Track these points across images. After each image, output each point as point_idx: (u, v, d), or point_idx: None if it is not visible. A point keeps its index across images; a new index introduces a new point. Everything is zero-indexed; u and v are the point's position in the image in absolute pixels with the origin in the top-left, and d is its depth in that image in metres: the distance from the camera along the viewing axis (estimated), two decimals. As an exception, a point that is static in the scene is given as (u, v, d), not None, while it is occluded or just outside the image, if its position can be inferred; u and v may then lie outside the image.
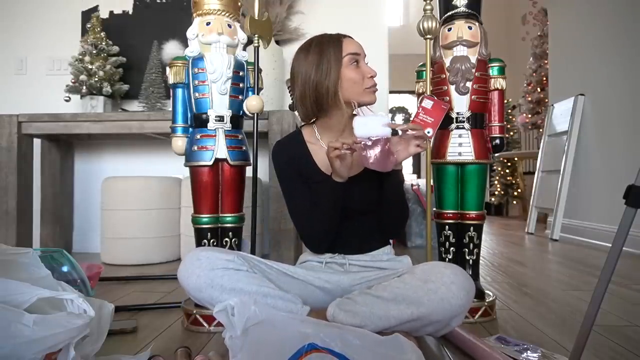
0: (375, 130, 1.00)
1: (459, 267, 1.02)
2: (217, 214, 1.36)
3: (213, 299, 1.00)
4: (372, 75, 1.14)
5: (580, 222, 3.19)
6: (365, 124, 1.01)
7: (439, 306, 0.94)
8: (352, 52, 1.14)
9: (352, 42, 1.17)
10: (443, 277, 0.96)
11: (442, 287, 0.95)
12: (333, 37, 1.17)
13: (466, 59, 1.36)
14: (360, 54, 1.15)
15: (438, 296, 0.95)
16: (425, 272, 1.01)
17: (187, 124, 1.37)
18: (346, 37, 1.18)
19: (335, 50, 1.13)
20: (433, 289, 0.95)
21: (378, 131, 0.99)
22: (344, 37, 1.17)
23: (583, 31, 3.31)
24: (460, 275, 0.98)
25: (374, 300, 1.00)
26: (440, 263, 1.04)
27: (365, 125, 1.01)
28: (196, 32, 1.33)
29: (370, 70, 1.15)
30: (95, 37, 2.49)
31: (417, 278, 1.00)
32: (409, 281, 1.00)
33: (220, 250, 1.07)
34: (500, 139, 1.41)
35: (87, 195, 2.73)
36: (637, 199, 0.82)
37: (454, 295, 0.94)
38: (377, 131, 0.99)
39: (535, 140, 5.25)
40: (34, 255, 0.92)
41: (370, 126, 1.00)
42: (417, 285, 0.98)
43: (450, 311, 0.95)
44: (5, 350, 0.68)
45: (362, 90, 1.13)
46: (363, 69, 1.14)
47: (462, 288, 0.96)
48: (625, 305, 1.52)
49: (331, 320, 1.02)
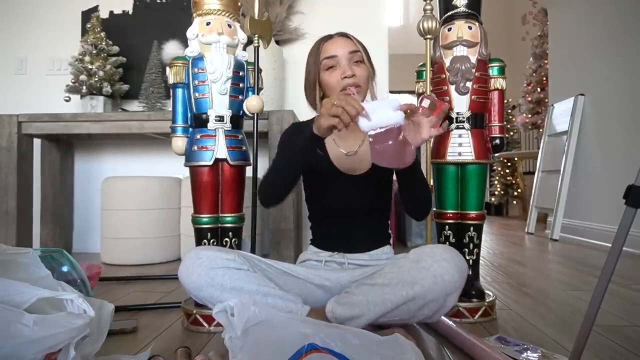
0: (385, 119, 0.82)
1: (451, 247, 1.03)
2: (217, 214, 1.36)
3: (213, 297, 1.01)
4: (345, 75, 1.12)
5: (580, 222, 3.19)
6: (370, 112, 0.83)
7: (433, 283, 0.95)
8: (327, 56, 1.15)
9: (334, 43, 1.16)
10: (434, 255, 0.98)
11: (434, 265, 0.96)
12: (321, 39, 1.20)
13: (466, 59, 1.36)
14: (338, 55, 1.14)
15: (431, 273, 0.96)
16: (417, 253, 1.02)
17: (187, 124, 1.37)
18: (331, 38, 1.18)
19: (315, 54, 1.18)
20: (425, 266, 0.97)
21: (388, 119, 0.82)
22: (328, 38, 1.18)
23: (583, 31, 3.31)
24: (451, 252, 1.00)
25: (369, 289, 1.01)
26: (432, 245, 1.06)
27: (372, 114, 0.83)
28: (196, 32, 1.33)
29: (344, 71, 1.12)
30: (95, 37, 2.49)
31: (409, 260, 1.01)
32: (402, 264, 1.02)
33: (221, 250, 1.08)
34: (500, 139, 1.41)
35: (87, 195, 2.72)
36: (637, 199, 0.82)
37: (447, 271, 0.95)
38: (387, 119, 0.82)
39: (535, 140, 5.25)
40: (34, 255, 0.92)
41: (379, 114, 0.83)
42: (410, 267, 0.99)
43: (444, 288, 0.96)
44: (5, 350, 0.68)
45: (338, 94, 1.13)
46: (338, 72, 1.13)
47: (454, 264, 0.97)
48: (625, 305, 1.52)
49: (330, 315, 1.02)
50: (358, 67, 1.16)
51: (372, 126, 0.83)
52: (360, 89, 1.14)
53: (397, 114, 0.83)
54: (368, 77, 1.19)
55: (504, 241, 3.36)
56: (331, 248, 1.21)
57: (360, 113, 0.85)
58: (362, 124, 0.84)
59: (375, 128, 0.83)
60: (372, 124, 0.83)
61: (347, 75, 1.12)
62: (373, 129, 0.83)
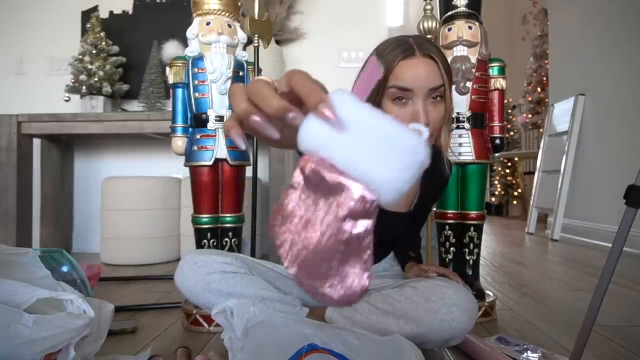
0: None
1: (462, 287, 0.96)
2: (217, 214, 1.36)
3: (210, 303, 0.98)
4: (417, 121, 0.84)
5: (580, 222, 3.19)
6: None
7: (439, 327, 0.90)
8: (401, 86, 0.86)
9: (414, 68, 0.87)
10: (445, 298, 0.91)
11: (442, 308, 0.90)
12: (395, 49, 0.89)
13: (466, 58, 1.36)
14: (414, 90, 0.86)
15: (439, 317, 0.90)
16: (426, 288, 0.95)
17: (187, 124, 1.37)
18: (411, 56, 0.87)
19: (382, 71, 0.87)
20: (434, 309, 0.91)
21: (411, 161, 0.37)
22: (407, 55, 0.88)
23: (583, 31, 3.31)
24: (462, 296, 0.92)
25: (372, 310, 0.97)
26: (443, 281, 0.98)
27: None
28: (196, 32, 1.33)
29: (417, 116, 0.85)
30: (95, 37, 2.49)
31: (418, 294, 0.95)
32: (409, 295, 0.95)
33: (217, 253, 1.05)
34: (500, 139, 1.41)
35: (87, 195, 2.72)
36: (637, 199, 0.82)
37: (455, 318, 0.90)
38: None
39: (535, 140, 5.24)
40: (34, 255, 0.92)
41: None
42: (418, 302, 0.93)
43: (450, 333, 0.91)
44: (5, 350, 0.68)
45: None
46: (409, 111, 0.87)
47: (464, 311, 0.90)
48: (625, 305, 1.52)
49: (329, 322, 1.01)
50: (436, 107, 0.89)
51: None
52: (431, 138, 0.91)
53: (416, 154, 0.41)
54: (444, 119, 0.92)
55: (504, 241, 3.36)
56: None
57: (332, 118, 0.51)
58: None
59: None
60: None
61: (419, 122, 0.84)
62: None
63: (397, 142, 0.35)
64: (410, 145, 0.35)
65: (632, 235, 0.95)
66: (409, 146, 0.35)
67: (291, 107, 0.37)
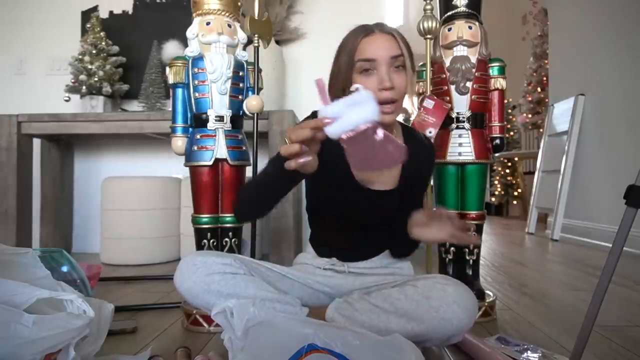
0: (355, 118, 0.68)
1: (462, 284, 0.97)
2: (217, 214, 1.36)
3: (210, 304, 0.97)
4: (383, 87, 0.96)
5: (580, 222, 3.19)
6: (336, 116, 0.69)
7: (440, 325, 0.91)
8: (365, 58, 0.98)
9: (374, 42, 0.99)
10: (446, 296, 0.92)
11: (443, 306, 0.91)
12: (357, 31, 1.01)
13: (466, 58, 1.36)
14: (377, 59, 0.97)
15: (439, 315, 0.91)
16: (427, 286, 0.96)
17: (187, 124, 1.37)
18: (371, 33, 1.00)
19: (349, 50, 0.99)
20: (435, 307, 0.92)
21: (359, 118, 0.68)
22: (367, 33, 1.00)
23: (583, 31, 3.31)
24: (463, 294, 0.93)
25: (373, 309, 0.98)
26: (443, 278, 0.99)
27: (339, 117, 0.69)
28: (196, 32, 1.33)
29: (382, 81, 0.96)
30: (95, 37, 2.49)
31: (418, 292, 0.95)
32: (410, 294, 0.96)
33: (216, 254, 1.05)
34: (500, 139, 1.41)
35: (87, 195, 2.72)
36: (637, 199, 0.82)
37: (456, 316, 0.91)
38: (358, 118, 0.68)
39: (535, 140, 5.24)
40: (34, 255, 0.92)
41: (347, 115, 0.69)
42: (418, 301, 0.94)
43: (451, 331, 0.92)
44: (5, 350, 0.68)
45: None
46: (375, 79, 0.97)
47: (465, 309, 0.91)
48: (625, 305, 1.52)
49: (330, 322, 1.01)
50: (398, 75, 0.99)
51: (344, 129, 0.69)
52: (396, 105, 0.99)
53: (368, 109, 0.69)
54: (407, 87, 1.02)
55: (504, 241, 3.36)
56: (330, 255, 1.18)
57: (322, 125, 0.71)
58: (328, 130, 0.70)
59: (346, 132, 0.69)
60: (340, 128, 0.69)
61: (385, 87, 0.96)
62: (346, 132, 0.69)
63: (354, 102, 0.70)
64: (359, 99, 0.70)
65: (632, 235, 0.95)
66: (358, 100, 0.70)
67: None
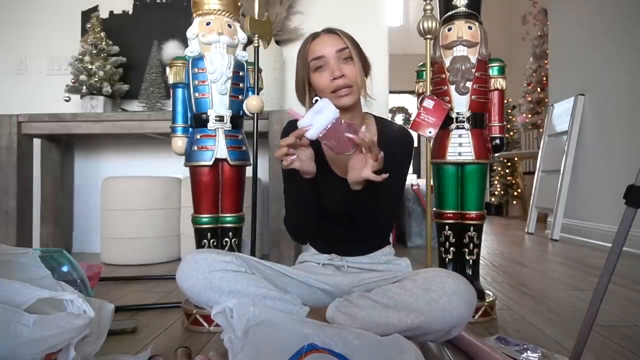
0: (324, 120, 0.93)
1: (461, 276, 0.98)
2: (217, 214, 1.36)
3: (212, 301, 0.99)
4: (334, 77, 1.09)
5: (580, 222, 3.19)
6: (311, 123, 0.94)
7: (439, 316, 0.91)
8: (315, 57, 1.11)
9: (320, 42, 1.13)
10: (445, 287, 0.93)
11: (443, 297, 0.92)
12: (307, 38, 1.16)
13: (466, 59, 1.36)
14: (325, 55, 1.10)
15: (439, 306, 0.91)
16: (426, 279, 0.97)
17: (187, 124, 1.37)
18: (317, 36, 1.14)
19: (302, 55, 1.15)
20: (434, 298, 0.92)
21: (326, 118, 0.93)
22: (315, 37, 1.15)
23: (583, 31, 3.31)
24: (462, 285, 0.95)
25: (373, 305, 0.98)
26: (442, 271, 1.00)
27: (313, 124, 0.94)
28: (196, 32, 1.33)
29: (333, 71, 1.09)
30: (95, 37, 2.48)
31: (418, 285, 0.96)
32: (409, 288, 0.97)
33: (218, 252, 1.06)
34: (500, 139, 1.41)
35: (87, 195, 2.72)
36: (637, 199, 0.82)
37: (455, 306, 0.91)
38: (326, 119, 0.93)
39: (535, 140, 5.24)
40: (34, 255, 0.92)
41: (318, 120, 0.94)
42: (418, 294, 0.95)
43: (451, 322, 0.92)
44: (5, 350, 0.68)
45: (329, 95, 1.10)
46: (327, 72, 1.10)
47: (464, 300, 0.92)
48: (625, 305, 1.52)
49: (330, 321, 1.01)
50: (347, 65, 1.11)
51: (318, 131, 0.94)
52: (351, 89, 1.11)
53: (329, 111, 0.94)
54: (359, 74, 1.13)
55: (504, 241, 3.36)
56: (329, 250, 1.19)
57: (302, 133, 0.95)
58: (309, 135, 0.94)
59: (321, 132, 0.94)
60: (315, 131, 0.94)
61: (335, 77, 1.09)
62: (320, 133, 0.94)
63: (318, 109, 0.94)
64: (321, 106, 0.94)
65: (632, 235, 0.95)
66: (320, 107, 0.94)
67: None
